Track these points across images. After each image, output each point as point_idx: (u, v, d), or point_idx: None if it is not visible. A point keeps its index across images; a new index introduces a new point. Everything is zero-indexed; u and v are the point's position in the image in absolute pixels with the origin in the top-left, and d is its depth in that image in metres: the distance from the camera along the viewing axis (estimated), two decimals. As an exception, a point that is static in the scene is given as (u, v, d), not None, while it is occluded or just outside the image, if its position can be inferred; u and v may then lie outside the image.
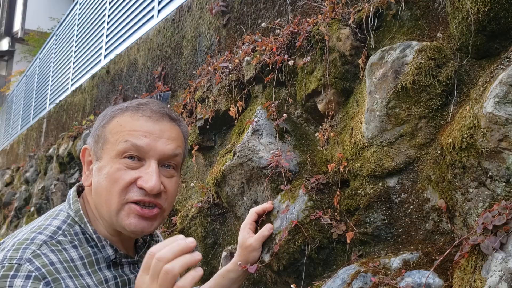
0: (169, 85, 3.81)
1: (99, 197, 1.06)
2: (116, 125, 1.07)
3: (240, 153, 2.04)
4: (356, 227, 1.60)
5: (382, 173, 1.59)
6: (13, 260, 0.91)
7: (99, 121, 1.12)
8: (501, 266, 1.06)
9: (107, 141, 1.06)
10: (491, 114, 1.23)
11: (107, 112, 1.12)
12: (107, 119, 1.09)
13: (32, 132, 8.83)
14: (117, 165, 1.03)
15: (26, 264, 0.91)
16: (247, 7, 2.90)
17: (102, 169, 1.05)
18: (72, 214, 1.06)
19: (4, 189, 9.12)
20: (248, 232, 1.61)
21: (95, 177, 1.07)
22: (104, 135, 1.07)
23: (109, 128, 1.07)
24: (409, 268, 1.38)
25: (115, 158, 1.04)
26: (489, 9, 1.39)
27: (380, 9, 1.81)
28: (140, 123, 1.05)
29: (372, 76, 1.68)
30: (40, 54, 9.54)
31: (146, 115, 1.07)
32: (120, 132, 1.05)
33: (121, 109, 1.09)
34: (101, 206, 1.06)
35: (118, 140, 1.04)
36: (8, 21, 16.56)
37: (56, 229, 1.02)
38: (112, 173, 1.03)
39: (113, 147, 1.04)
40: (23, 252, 0.93)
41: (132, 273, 1.12)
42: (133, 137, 1.03)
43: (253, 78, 2.40)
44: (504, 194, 1.23)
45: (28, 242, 0.96)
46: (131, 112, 1.08)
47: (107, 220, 1.07)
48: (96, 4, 6.39)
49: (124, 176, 1.03)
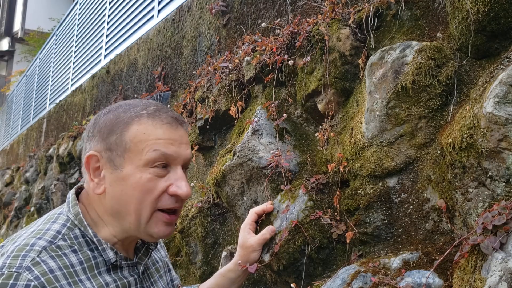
0: (169, 85, 3.81)
1: (123, 205, 1.05)
2: (138, 133, 1.05)
3: (240, 153, 2.04)
4: (356, 227, 1.60)
5: (382, 173, 1.59)
6: (13, 268, 0.91)
7: (110, 127, 1.06)
8: (501, 266, 1.06)
9: (129, 150, 1.04)
10: (491, 114, 1.23)
11: (117, 118, 1.07)
12: (123, 126, 1.05)
13: (32, 132, 8.83)
14: (147, 174, 1.04)
15: (26, 272, 0.91)
16: (247, 7, 2.90)
17: (127, 178, 1.04)
18: (71, 217, 1.06)
19: (4, 189, 9.12)
20: (248, 232, 1.61)
21: (116, 186, 1.05)
22: (123, 143, 1.05)
23: (129, 136, 1.05)
24: (409, 268, 1.38)
25: (143, 167, 1.04)
26: (489, 9, 1.39)
27: (380, 9, 1.81)
28: (163, 131, 1.06)
29: (372, 76, 1.68)
30: (40, 54, 9.55)
31: (167, 122, 1.07)
32: (146, 140, 1.05)
33: (136, 116, 1.06)
34: (126, 215, 1.06)
35: (145, 150, 1.04)
36: (8, 21, 16.56)
37: (55, 234, 1.01)
38: (143, 183, 1.04)
39: (139, 156, 1.04)
40: (23, 259, 0.93)
41: (131, 276, 1.11)
42: (161, 146, 1.05)
43: (253, 78, 2.40)
44: (504, 194, 1.23)
45: (27, 248, 0.95)
46: (149, 119, 1.06)
47: (129, 227, 1.07)
48: (96, 4, 6.39)
49: (157, 185, 1.05)
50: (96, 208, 1.09)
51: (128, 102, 1.12)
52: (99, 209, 1.09)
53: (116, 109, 1.10)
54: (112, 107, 1.12)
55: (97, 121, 1.10)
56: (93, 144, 1.07)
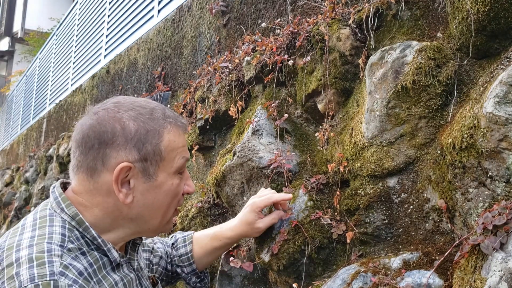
0: (169, 85, 3.81)
1: (152, 211, 1.08)
2: (170, 141, 1.08)
3: (240, 153, 2.04)
4: (356, 227, 1.60)
5: (382, 173, 1.59)
6: (45, 276, 0.87)
7: (143, 137, 1.03)
8: (501, 266, 1.06)
9: (163, 159, 1.06)
10: (491, 114, 1.23)
11: (145, 125, 1.04)
12: (157, 135, 1.05)
13: (32, 132, 8.83)
14: (176, 180, 1.10)
15: (62, 278, 0.88)
16: (247, 7, 2.90)
17: (161, 186, 1.07)
18: (67, 218, 1.02)
19: (4, 189, 9.12)
20: (258, 214, 1.60)
21: (149, 194, 1.06)
22: (159, 152, 1.05)
23: (164, 146, 1.06)
24: (409, 268, 1.38)
25: (174, 174, 1.09)
26: (489, 9, 1.39)
27: (380, 9, 1.81)
28: (183, 138, 1.13)
29: (372, 76, 1.68)
30: (40, 54, 9.55)
31: (185, 128, 1.14)
32: (176, 149, 1.09)
33: (165, 124, 1.07)
34: (150, 219, 1.09)
35: (176, 157, 1.09)
36: (8, 21, 16.56)
37: (61, 237, 0.97)
38: (174, 189, 1.10)
39: (170, 164, 1.08)
40: (51, 266, 0.89)
41: (130, 272, 1.11)
42: (186, 153, 1.12)
43: (253, 78, 2.40)
44: (504, 194, 1.23)
45: (47, 254, 0.91)
46: (174, 127, 1.10)
47: (148, 228, 1.11)
48: (96, 4, 6.39)
49: (180, 188, 1.12)
50: (105, 212, 1.05)
51: (137, 103, 1.08)
52: (111, 214, 1.06)
53: (135, 116, 1.04)
54: (121, 114, 1.04)
55: (113, 128, 1.02)
56: (123, 154, 1.02)
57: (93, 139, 1.02)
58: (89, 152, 1.03)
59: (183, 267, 1.50)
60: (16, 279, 0.86)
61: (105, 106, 1.07)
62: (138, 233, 1.12)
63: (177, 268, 1.50)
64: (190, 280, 1.51)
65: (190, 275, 1.50)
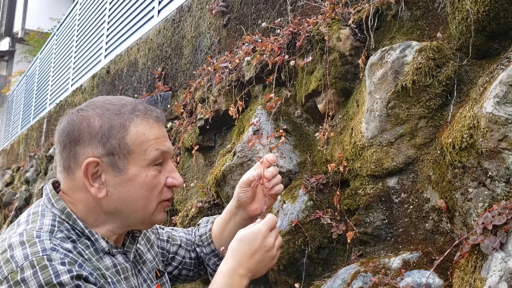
0: (169, 85, 3.81)
1: (130, 204, 1.10)
2: (138, 134, 1.09)
3: (240, 153, 2.04)
4: (356, 227, 1.60)
5: (382, 173, 1.59)
6: (38, 253, 0.94)
7: (107, 132, 1.07)
8: (501, 266, 1.07)
9: (132, 152, 1.08)
10: (491, 114, 1.23)
11: (111, 121, 1.08)
12: (122, 128, 1.08)
13: (33, 132, 8.84)
14: (152, 172, 1.10)
15: (54, 252, 0.95)
16: (247, 7, 2.90)
17: (134, 178, 1.09)
18: (57, 212, 1.08)
19: (4, 189, 9.12)
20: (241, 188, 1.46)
21: (122, 187, 1.08)
22: (126, 146, 1.08)
23: (131, 139, 1.08)
24: (409, 268, 1.38)
25: (147, 166, 1.10)
26: (489, 9, 1.39)
27: (380, 9, 1.82)
28: (158, 130, 1.12)
29: (372, 76, 1.68)
30: (41, 54, 9.55)
31: (158, 120, 1.13)
32: (147, 141, 1.10)
33: (131, 118, 1.09)
34: (131, 212, 1.11)
35: (147, 150, 1.09)
36: (8, 21, 16.57)
37: (51, 227, 1.03)
38: (149, 181, 1.10)
39: (142, 157, 1.09)
40: (42, 244, 0.96)
41: (126, 262, 1.15)
42: (160, 145, 1.11)
43: (253, 78, 2.40)
44: (504, 194, 1.23)
45: (35, 239, 0.97)
46: (144, 119, 1.11)
47: (133, 221, 1.13)
48: (96, 4, 6.39)
49: (160, 180, 1.12)
50: (88, 208, 1.10)
51: (108, 101, 1.13)
52: (93, 209, 1.10)
53: (102, 113, 1.09)
54: (88, 113, 1.09)
55: (79, 127, 1.08)
56: (89, 150, 1.07)
57: (65, 138, 1.09)
58: (63, 152, 1.10)
59: (203, 246, 1.50)
60: (12, 261, 0.94)
61: (80, 107, 1.13)
62: (127, 227, 1.15)
63: (197, 248, 1.51)
64: (209, 261, 1.50)
65: (209, 255, 1.50)
